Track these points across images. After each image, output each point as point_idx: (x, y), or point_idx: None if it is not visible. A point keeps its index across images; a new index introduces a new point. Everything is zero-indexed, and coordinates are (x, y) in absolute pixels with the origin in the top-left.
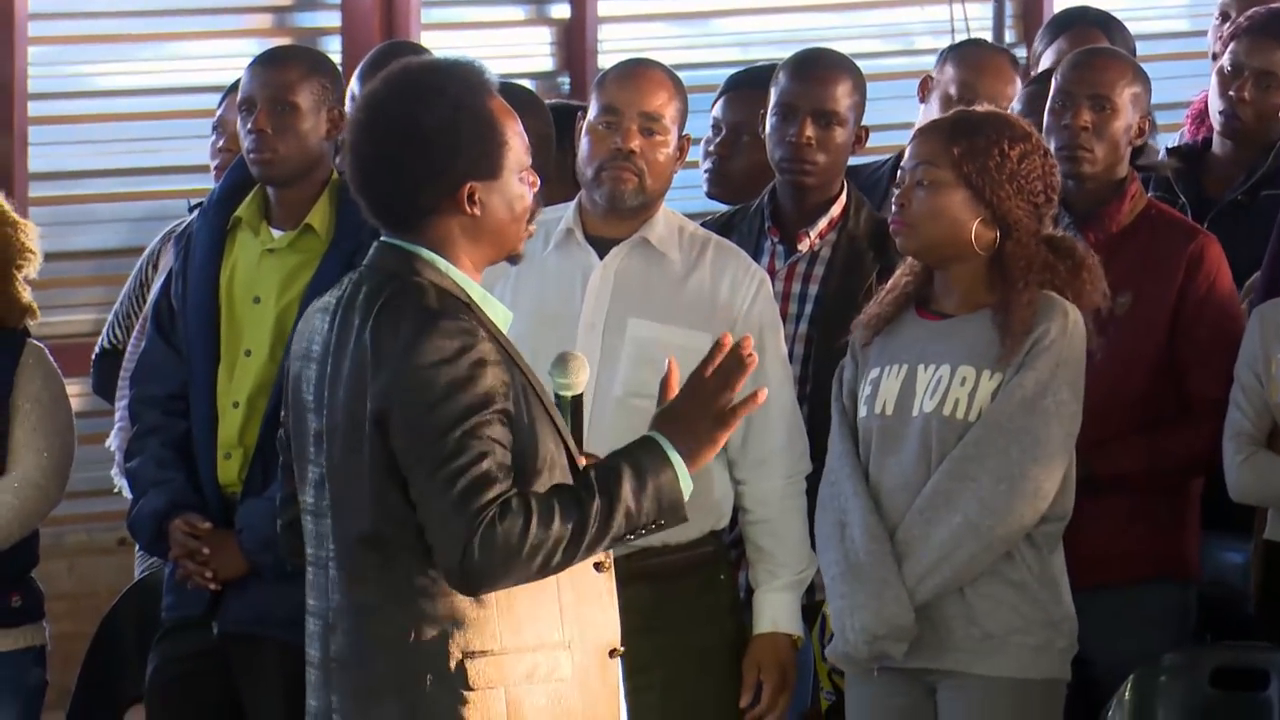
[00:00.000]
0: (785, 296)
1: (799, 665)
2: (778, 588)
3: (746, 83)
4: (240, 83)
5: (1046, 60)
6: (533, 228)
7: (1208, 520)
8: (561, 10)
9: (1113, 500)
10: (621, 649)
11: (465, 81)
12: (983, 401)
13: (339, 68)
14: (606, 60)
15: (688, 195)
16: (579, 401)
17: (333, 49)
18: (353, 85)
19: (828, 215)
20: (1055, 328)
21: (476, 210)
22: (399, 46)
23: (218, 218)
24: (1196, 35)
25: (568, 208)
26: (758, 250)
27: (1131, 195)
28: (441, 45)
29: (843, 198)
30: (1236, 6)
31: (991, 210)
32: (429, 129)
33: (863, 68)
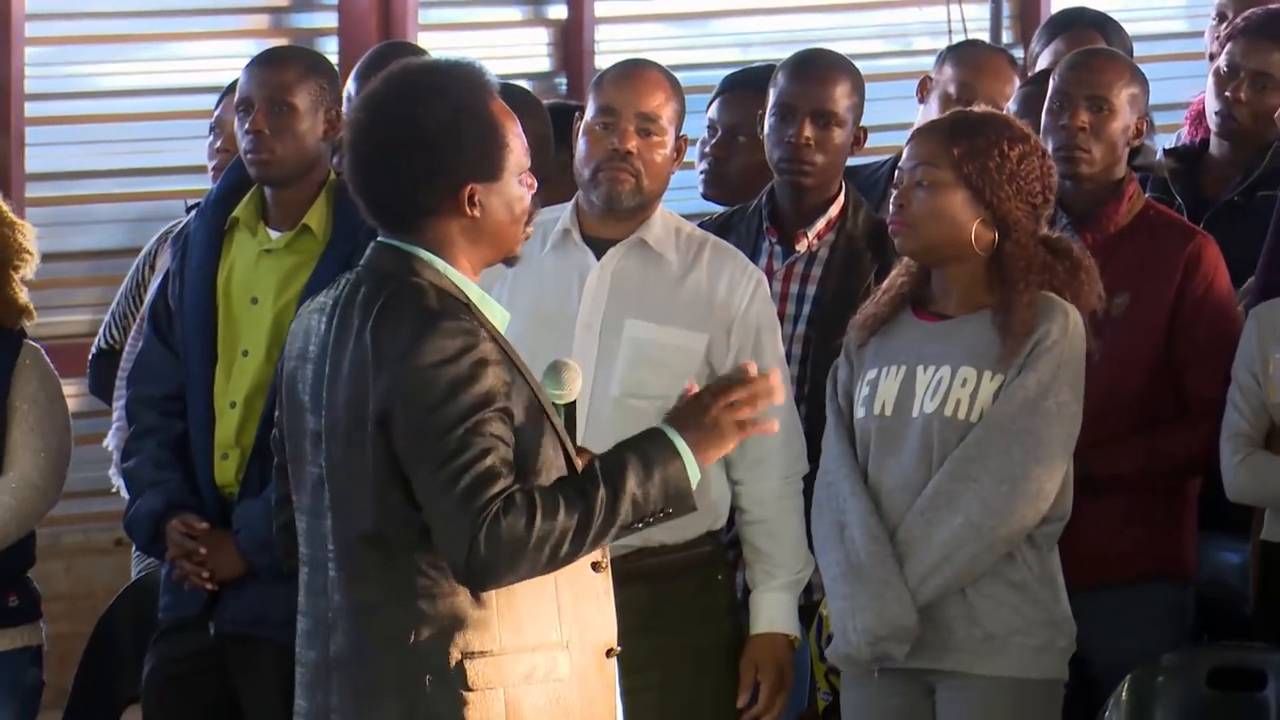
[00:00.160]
0: (783, 297)
1: (796, 666)
2: (775, 588)
3: (742, 84)
4: (238, 83)
5: (1043, 61)
6: (530, 229)
7: (1205, 520)
8: (559, 11)
9: (1110, 500)
10: (619, 649)
11: (467, 83)
12: (984, 402)
13: (336, 68)
14: (604, 61)
15: (685, 196)
16: (572, 409)
17: (330, 50)
18: (350, 86)
19: (826, 216)
20: (1056, 329)
21: (476, 212)
22: (396, 47)
23: (215, 218)
24: (1194, 36)
25: (565, 208)
26: (756, 251)
27: (1129, 196)
28: (439, 46)
29: (841, 198)
30: (1233, 7)
31: (991, 211)
32: (430, 130)
33: (861, 68)
